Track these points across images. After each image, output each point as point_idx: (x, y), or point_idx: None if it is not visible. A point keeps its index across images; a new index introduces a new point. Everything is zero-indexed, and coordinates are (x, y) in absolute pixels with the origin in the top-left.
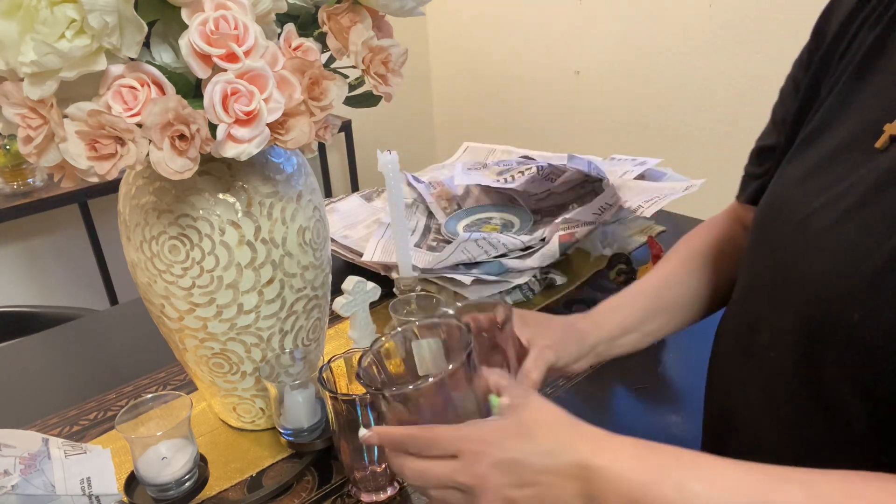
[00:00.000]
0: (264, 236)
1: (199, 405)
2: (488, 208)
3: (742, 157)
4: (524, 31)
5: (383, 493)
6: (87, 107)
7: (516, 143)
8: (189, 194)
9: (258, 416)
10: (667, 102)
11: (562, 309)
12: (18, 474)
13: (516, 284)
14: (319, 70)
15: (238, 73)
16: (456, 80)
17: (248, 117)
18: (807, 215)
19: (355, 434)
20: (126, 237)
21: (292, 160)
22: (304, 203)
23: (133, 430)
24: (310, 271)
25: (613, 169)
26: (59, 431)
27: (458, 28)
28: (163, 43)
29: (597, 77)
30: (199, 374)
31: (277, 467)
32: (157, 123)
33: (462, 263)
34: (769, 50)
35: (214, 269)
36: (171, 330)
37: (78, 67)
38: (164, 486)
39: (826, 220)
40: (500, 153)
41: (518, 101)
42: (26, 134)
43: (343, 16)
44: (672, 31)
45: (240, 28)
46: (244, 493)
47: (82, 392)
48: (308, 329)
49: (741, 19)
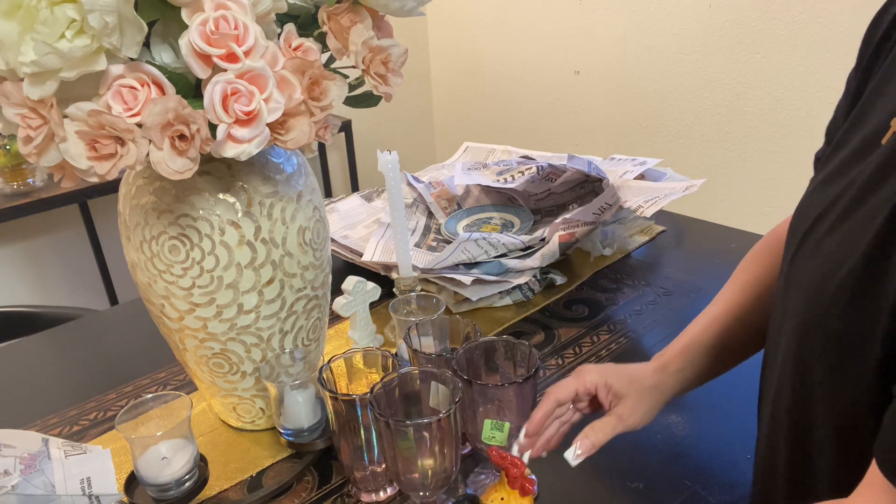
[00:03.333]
0: (264, 236)
1: (199, 405)
2: (488, 208)
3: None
4: (524, 31)
5: (383, 493)
6: (87, 107)
7: (516, 143)
8: (189, 194)
9: (258, 416)
10: (667, 102)
11: (562, 309)
12: (18, 474)
13: (516, 284)
14: (319, 70)
15: (238, 73)
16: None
17: (248, 117)
18: (813, 223)
19: (355, 434)
20: (126, 237)
21: (292, 160)
22: (304, 203)
23: (133, 430)
24: (310, 271)
25: (613, 169)
26: (59, 431)
27: (458, 28)
28: (163, 43)
29: (597, 77)
30: (199, 374)
31: (277, 467)
32: (157, 123)
33: (462, 263)
34: (769, 50)
35: (214, 269)
36: (171, 330)
37: (78, 67)
38: (164, 486)
39: (823, 227)
40: (500, 153)
41: (518, 101)
42: (26, 134)
43: (343, 16)
44: (672, 31)
45: (240, 28)
46: (244, 493)
47: (82, 392)
48: (308, 329)
49: (741, 19)
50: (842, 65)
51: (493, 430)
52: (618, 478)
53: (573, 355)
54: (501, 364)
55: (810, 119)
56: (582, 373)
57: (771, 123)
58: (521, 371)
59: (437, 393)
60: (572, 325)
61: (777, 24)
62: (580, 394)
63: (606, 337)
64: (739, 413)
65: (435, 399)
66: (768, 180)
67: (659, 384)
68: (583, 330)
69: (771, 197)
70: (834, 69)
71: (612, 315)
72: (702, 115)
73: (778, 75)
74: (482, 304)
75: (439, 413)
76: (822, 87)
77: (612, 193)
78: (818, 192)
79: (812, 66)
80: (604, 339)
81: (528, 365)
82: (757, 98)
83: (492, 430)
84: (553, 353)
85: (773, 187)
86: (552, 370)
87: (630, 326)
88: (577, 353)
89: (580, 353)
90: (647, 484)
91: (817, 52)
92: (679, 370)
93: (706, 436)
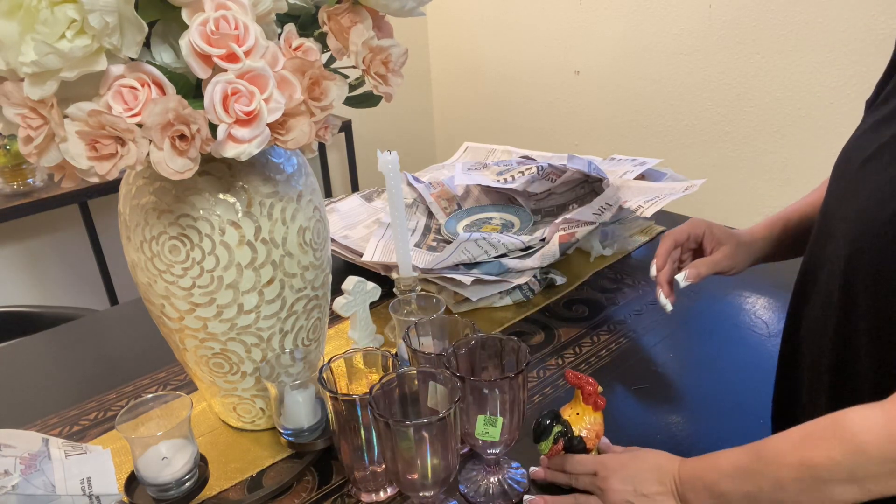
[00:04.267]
0: (264, 236)
1: (199, 405)
2: (488, 208)
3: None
4: (524, 31)
5: (383, 493)
6: (88, 107)
7: (516, 143)
8: (189, 194)
9: (258, 416)
10: (667, 102)
11: (562, 309)
12: (19, 474)
13: (516, 284)
14: (320, 70)
15: (238, 74)
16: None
17: (249, 117)
18: (865, 161)
19: (355, 434)
20: (126, 237)
21: (292, 160)
22: (305, 203)
23: (133, 430)
24: (310, 271)
25: (613, 169)
26: (59, 431)
27: (458, 28)
28: (163, 43)
29: (597, 77)
30: (199, 374)
31: (277, 467)
32: (157, 123)
33: (462, 263)
34: (769, 50)
35: (215, 270)
36: (172, 330)
37: (78, 67)
38: (165, 486)
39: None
40: (500, 153)
41: (518, 101)
42: (27, 134)
43: (343, 16)
44: (672, 31)
45: (240, 28)
46: (244, 493)
47: (82, 392)
48: (308, 329)
49: (741, 19)
50: (842, 65)
51: (486, 426)
52: None
53: (573, 355)
54: (493, 360)
55: (810, 119)
56: (693, 221)
57: (771, 123)
58: (512, 366)
59: (436, 393)
60: (572, 325)
61: (777, 24)
62: (690, 237)
63: (606, 337)
64: (740, 413)
65: (433, 399)
66: (768, 180)
67: (749, 243)
68: (583, 330)
69: (771, 197)
70: (834, 69)
71: (612, 315)
72: (702, 115)
73: (778, 75)
74: (482, 304)
75: (438, 413)
76: (822, 87)
77: (612, 193)
78: (870, 132)
79: (812, 66)
80: (604, 339)
81: (517, 360)
82: (757, 98)
83: (485, 425)
84: (553, 353)
85: (772, 187)
86: (552, 370)
87: (630, 326)
88: (577, 354)
89: (580, 353)
90: None
91: (817, 52)
92: (763, 238)
93: (706, 436)
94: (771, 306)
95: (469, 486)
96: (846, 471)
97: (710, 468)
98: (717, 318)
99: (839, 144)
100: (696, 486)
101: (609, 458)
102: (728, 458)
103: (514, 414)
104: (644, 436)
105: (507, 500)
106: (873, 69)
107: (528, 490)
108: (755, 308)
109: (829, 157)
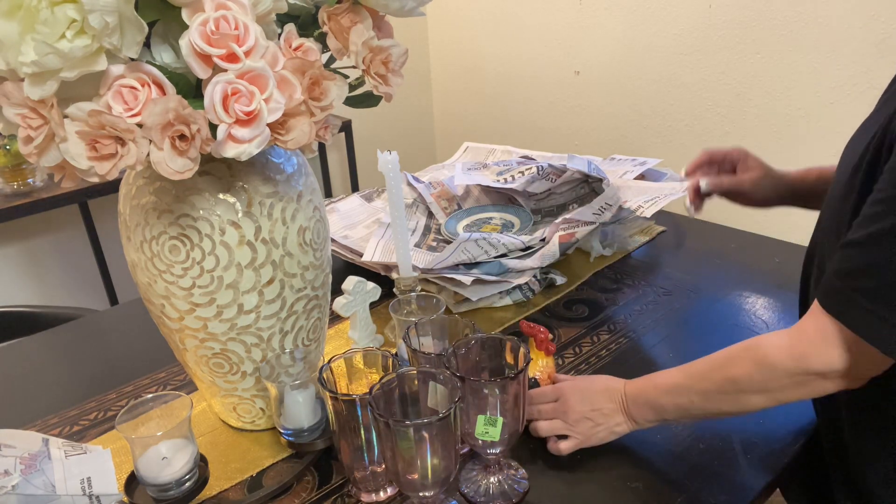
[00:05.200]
0: (264, 236)
1: (199, 405)
2: (488, 208)
3: None
4: (524, 31)
5: (383, 493)
6: (88, 107)
7: (516, 143)
8: (189, 194)
9: (258, 416)
10: (667, 102)
11: (562, 309)
12: (19, 474)
13: (516, 284)
14: (320, 70)
15: (238, 74)
16: (456, 80)
17: (249, 117)
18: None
19: (355, 434)
20: (126, 237)
21: (292, 160)
22: (305, 203)
23: (133, 430)
24: (310, 271)
25: (613, 169)
26: (59, 431)
27: (458, 28)
28: (163, 43)
29: (597, 77)
30: (199, 374)
31: (277, 467)
32: (157, 123)
33: (462, 263)
34: (769, 50)
35: (215, 270)
36: (172, 330)
37: (78, 67)
38: (165, 486)
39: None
40: (500, 153)
41: (518, 101)
42: (27, 134)
43: (343, 16)
44: (672, 31)
45: (240, 28)
46: (244, 493)
47: (82, 392)
48: (308, 329)
49: (741, 19)
50: (842, 65)
51: (486, 426)
52: (618, 478)
53: (573, 355)
54: (493, 360)
55: (810, 119)
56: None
57: (771, 123)
58: (512, 366)
59: (436, 393)
60: (572, 325)
61: (777, 24)
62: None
63: (606, 337)
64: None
65: (433, 399)
66: None
67: (778, 178)
68: (583, 330)
69: None
70: (834, 69)
71: (612, 315)
72: (702, 115)
73: (778, 75)
74: (482, 304)
75: (438, 413)
76: (822, 87)
77: (612, 193)
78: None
79: (812, 66)
80: (604, 339)
81: (518, 360)
82: (757, 98)
83: (485, 425)
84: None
85: None
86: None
87: (630, 326)
88: (577, 353)
89: (580, 353)
90: (646, 484)
91: (817, 52)
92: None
93: (706, 436)
94: (771, 306)
95: (469, 486)
96: (759, 384)
97: (651, 387)
98: (717, 318)
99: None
100: (638, 401)
101: (566, 385)
102: (664, 377)
103: (514, 414)
104: (644, 435)
105: (507, 500)
106: (873, 69)
107: (528, 490)
108: (755, 308)
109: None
